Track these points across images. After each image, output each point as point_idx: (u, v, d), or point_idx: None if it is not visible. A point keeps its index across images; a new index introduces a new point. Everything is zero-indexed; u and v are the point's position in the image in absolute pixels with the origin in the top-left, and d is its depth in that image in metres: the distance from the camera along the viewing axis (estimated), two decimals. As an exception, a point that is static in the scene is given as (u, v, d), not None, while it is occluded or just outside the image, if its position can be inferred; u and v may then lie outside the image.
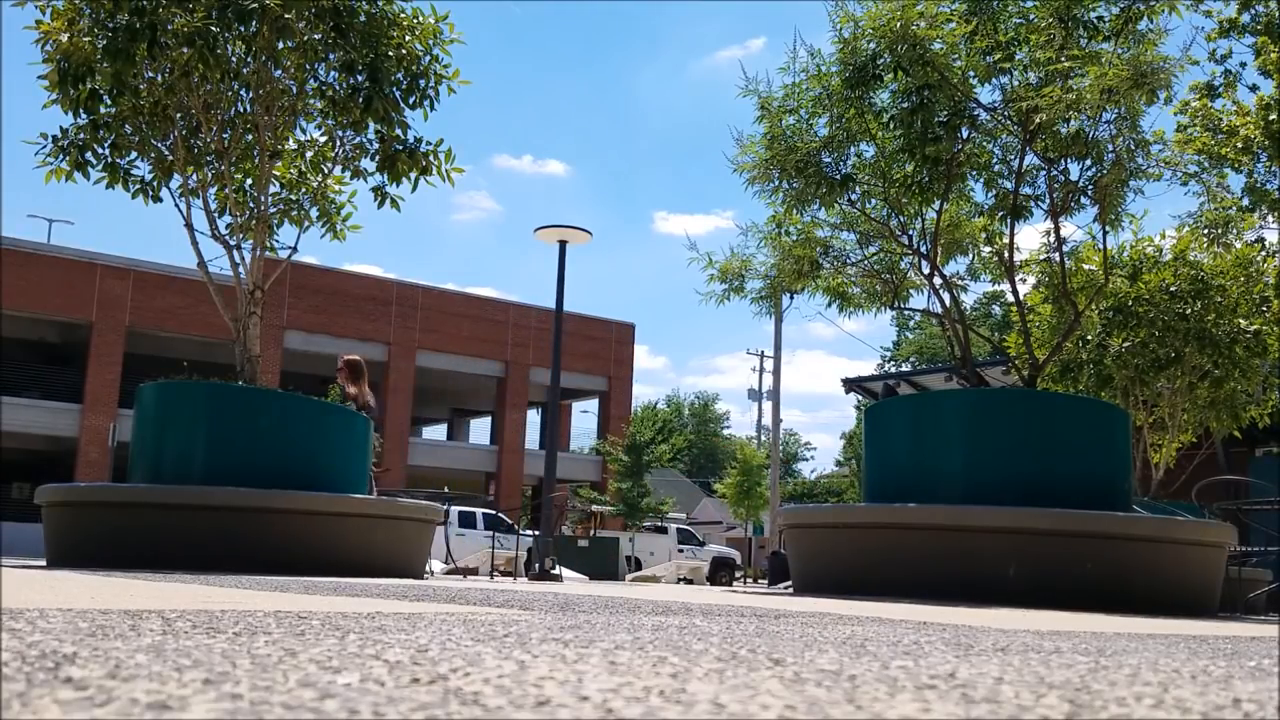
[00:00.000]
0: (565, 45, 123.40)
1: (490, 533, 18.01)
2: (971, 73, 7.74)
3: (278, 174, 9.24)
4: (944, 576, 6.25)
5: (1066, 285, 9.38)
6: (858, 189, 8.38)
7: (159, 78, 8.41)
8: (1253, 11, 14.27)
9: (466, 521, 25.81)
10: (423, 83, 8.77)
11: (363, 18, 8.36)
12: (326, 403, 10.10)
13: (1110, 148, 7.86)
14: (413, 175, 9.07)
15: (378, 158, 9.06)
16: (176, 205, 8.86)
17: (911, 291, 9.50)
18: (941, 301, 8.64)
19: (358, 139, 9.09)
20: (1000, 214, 8.74)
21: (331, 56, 8.53)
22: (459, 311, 37.33)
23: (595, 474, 39.12)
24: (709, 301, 9.25)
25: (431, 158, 9.06)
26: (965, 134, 7.93)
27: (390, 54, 8.48)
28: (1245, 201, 13.49)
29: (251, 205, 9.18)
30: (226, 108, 8.73)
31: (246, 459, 7.56)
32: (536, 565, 12.30)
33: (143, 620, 2.02)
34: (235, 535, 7.11)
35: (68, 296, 30.46)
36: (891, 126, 7.88)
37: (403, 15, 8.67)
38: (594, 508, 32.94)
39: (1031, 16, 7.65)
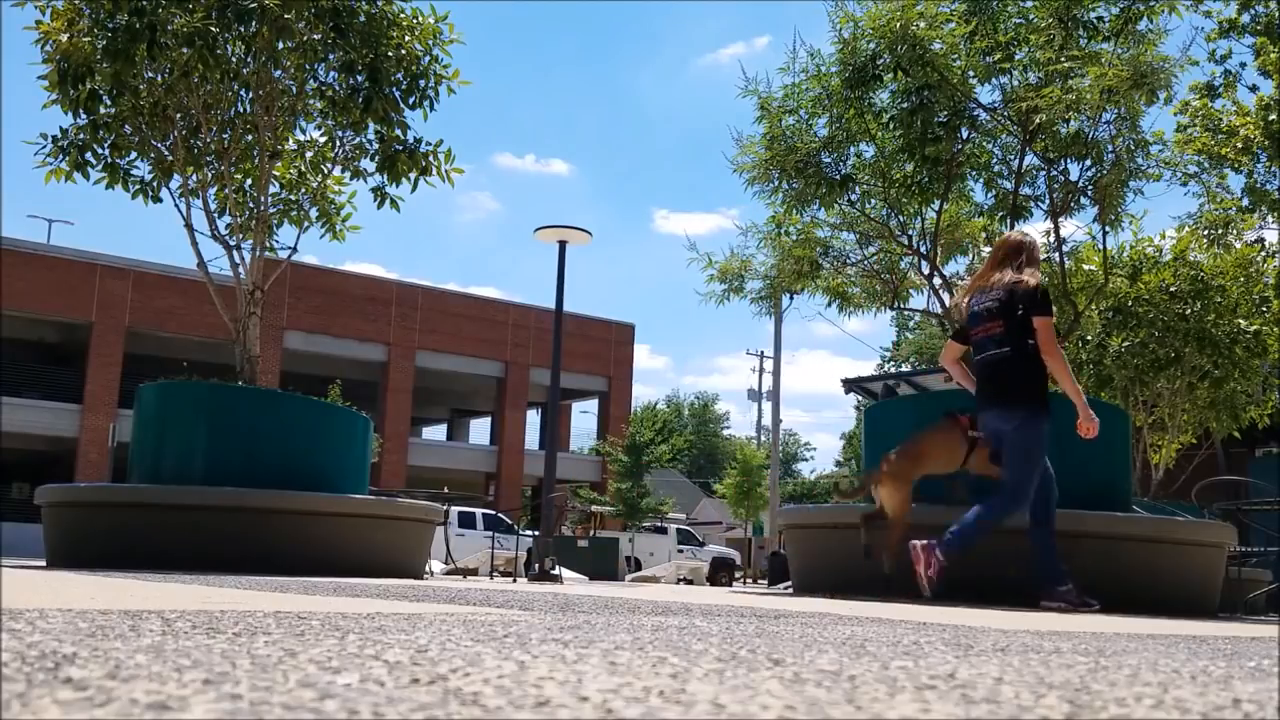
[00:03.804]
0: (567, 44, 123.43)
1: (490, 533, 18.01)
2: (971, 73, 7.74)
3: (277, 174, 9.24)
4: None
5: (1066, 285, 9.39)
6: (857, 189, 8.39)
7: (159, 78, 8.42)
8: (1253, 12, 14.26)
9: (466, 522, 25.80)
10: (422, 83, 8.78)
11: (362, 18, 8.36)
12: (327, 403, 10.11)
13: (1110, 148, 7.87)
14: (412, 175, 9.08)
15: (377, 158, 9.06)
16: (176, 205, 8.87)
17: (911, 291, 9.51)
18: (941, 302, 8.65)
19: (357, 139, 9.09)
20: (1000, 214, 8.75)
21: (331, 57, 8.54)
22: (459, 311, 37.31)
23: (595, 474, 39.10)
24: (709, 301, 9.28)
25: (431, 158, 9.07)
26: (965, 134, 7.94)
27: (390, 54, 8.48)
28: (1245, 202, 13.48)
29: (251, 205, 9.18)
30: (226, 108, 8.73)
31: (246, 459, 7.56)
32: (536, 566, 12.29)
33: (142, 620, 2.02)
34: (235, 535, 7.11)
35: (68, 296, 30.44)
36: (891, 127, 7.88)
37: (402, 15, 8.67)
38: (594, 508, 32.91)
39: (1031, 17, 7.66)
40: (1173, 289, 11.07)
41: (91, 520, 7.55)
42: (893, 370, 54.31)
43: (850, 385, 23.19)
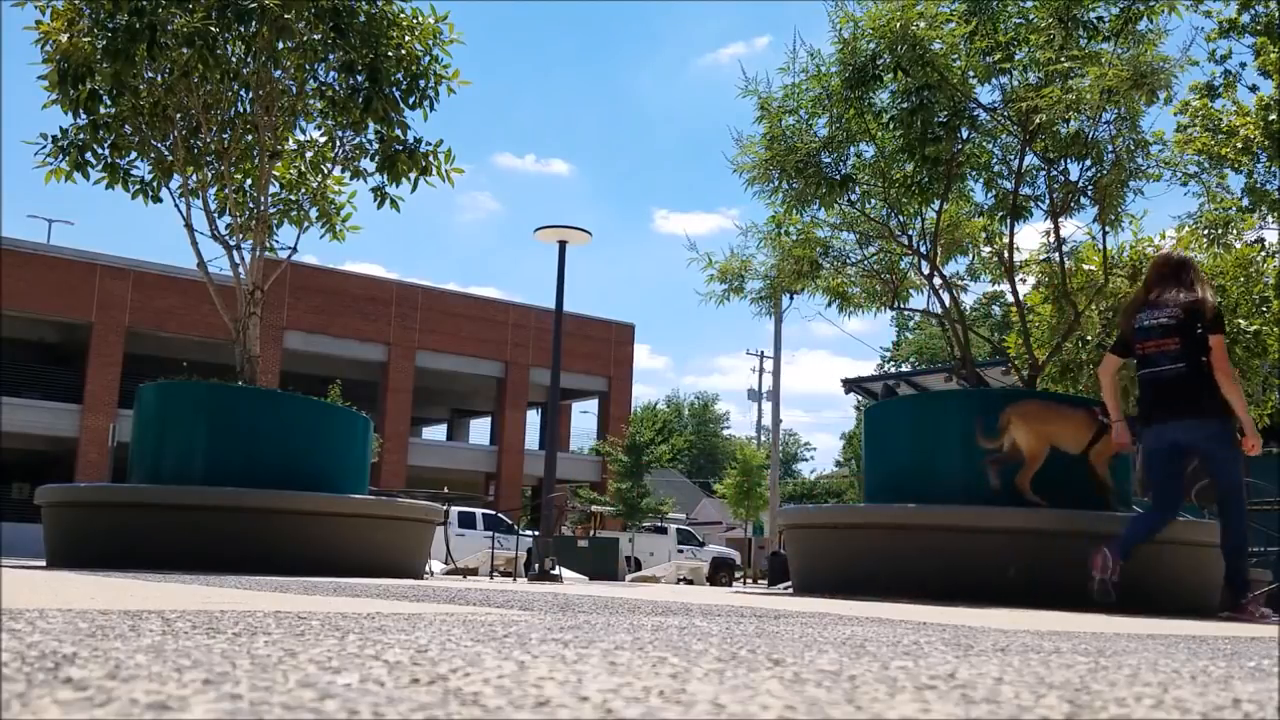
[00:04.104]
0: (567, 44, 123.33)
1: (490, 533, 18.02)
2: (971, 73, 7.74)
3: (277, 174, 9.24)
4: (944, 576, 6.25)
5: (1066, 285, 9.38)
6: (857, 189, 8.38)
7: (159, 78, 8.42)
8: (1253, 12, 14.24)
9: (466, 522, 25.78)
10: (422, 83, 8.78)
11: (362, 18, 8.36)
12: (326, 403, 10.11)
13: (1110, 148, 7.86)
14: (412, 175, 9.08)
15: (377, 158, 9.06)
16: (176, 205, 8.87)
17: (911, 291, 9.50)
18: (941, 302, 8.65)
19: (357, 139, 9.09)
20: (1000, 214, 8.74)
21: (331, 57, 8.54)
22: (459, 311, 37.30)
23: (595, 474, 39.09)
24: (709, 301, 9.25)
25: (431, 158, 9.07)
26: (965, 134, 7.92)
27: (390, 54, 8.48)
28: (1245, 202, 13.46)
29: (251, 205, 9.19)
30: (226, 108, 8.73)
31: (246, 459, 7.56)
32: (536, 566, 12.30)
33: (142, 620, 2.02)
34: (235, 535, 7.12)
35: (68, 296, 30.42)
36: (891, 127, 7.87)
37: (402, 15, 8.67)
38: (594, 508, 32.90)
39: (1031, 17, 7.64)
40: (1173, 289, 11.05)
41: (91, 520, 7.55)
42: (893, 370, 54.30)
43: (850, 385, 23.17)
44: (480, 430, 46.39)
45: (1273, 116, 12.92)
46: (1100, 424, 6.22)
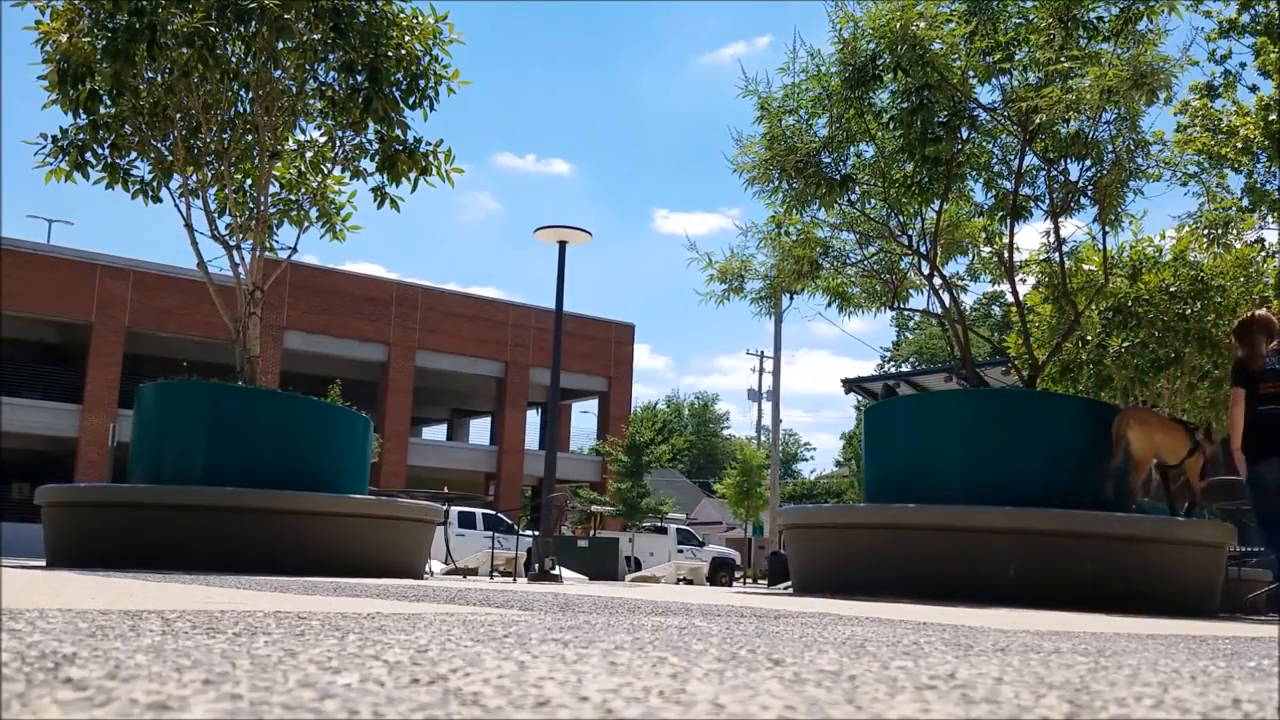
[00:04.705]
0: (567, 44, 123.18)
1: (490, 533, 18.01)
2: (971, 73, 7.74)
3: (277, 174, 9.24)
4: (944, 576, 6.26)
5: (1066, 285, 9.38)
6: (857, 189, 8.38)
7: (159, 78, 8.42)
8: (1252, 12, 14.24)
9: (466, 522, 25.77)
10: (422, 83, 8.78)
11: (362, 18, 8.36)
12: (326, 403, 10.11)
13: (1110, 148, 7.86)
14: (412, 175, 9.08)
15: (377, 158, 9.06)
16: (176, 205, 8.87)
17: (911, 291, 9.50)
18: (941, 302, 8.65)
19: (357, 139, 9.09)
20: (1000, 214, 8.74)
21: (331, 57, 8.54)
22: (459, 311, 37.30)
23: (595, 474, 39.08)
24: (709, 301, 9.25)
25: (431, 158, 9.07)
26: (965, 134, 7.93)
27: (390, 54, 8.48)
28: (1245, 202, 13.45)
29: (251, 205, 9.19)
30: (226, 108, 8.73)
31: (246, 459, 7.56)
32: (536, 566, 12.29)
33: (142, 620, 2.02)
34: (235, 535, 7.11)
35: (68, 297, 30.42)
36: (891, 127, 7.87)
37: (402, 15, 8.67)
38: (594, 508, 32.89)
39: (1031, 17, 7.64)
40: (1173, 289, 11.06)
41: (91, 520, 7.55)
42: (893, 370, 54.26)
43: (850, 385, 23.14)
44: (480, 430, 46.38)
45: (1273, 116, 12.91)
46: (1196, 441, 6.76)
